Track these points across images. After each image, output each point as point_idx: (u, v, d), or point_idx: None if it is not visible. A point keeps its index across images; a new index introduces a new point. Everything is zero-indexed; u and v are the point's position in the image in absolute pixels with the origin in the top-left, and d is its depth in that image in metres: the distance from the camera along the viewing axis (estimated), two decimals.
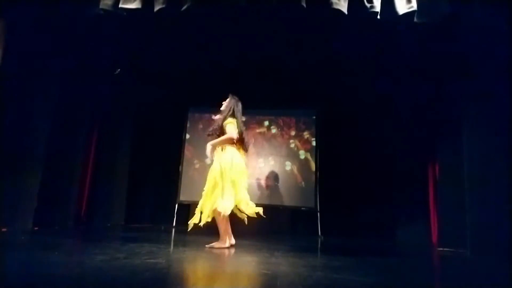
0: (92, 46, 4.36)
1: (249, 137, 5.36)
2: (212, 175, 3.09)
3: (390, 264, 2.89)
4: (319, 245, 4.04)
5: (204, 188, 3.13)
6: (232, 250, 3.01)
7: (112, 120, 5.27)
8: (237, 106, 3.29)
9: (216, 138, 3.15)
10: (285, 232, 5.20)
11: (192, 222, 3.04)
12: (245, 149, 3.30)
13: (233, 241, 3.19)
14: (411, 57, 4.26)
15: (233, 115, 3.21)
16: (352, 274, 2.16)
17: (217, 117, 3.32)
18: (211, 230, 3.37)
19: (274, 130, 5.54)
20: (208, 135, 3.26)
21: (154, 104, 5.67)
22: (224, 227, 3.09)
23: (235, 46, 4.57)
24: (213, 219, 3.07)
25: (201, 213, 3.04)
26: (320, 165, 5.27)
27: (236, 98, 3.35)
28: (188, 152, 5.59)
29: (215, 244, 3.06)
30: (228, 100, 3.33)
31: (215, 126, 3.23)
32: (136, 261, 2.15)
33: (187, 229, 3.07)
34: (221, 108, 3.32)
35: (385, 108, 5.06)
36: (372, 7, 3.15)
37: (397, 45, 4.11)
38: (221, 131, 3.17)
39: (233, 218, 3.28)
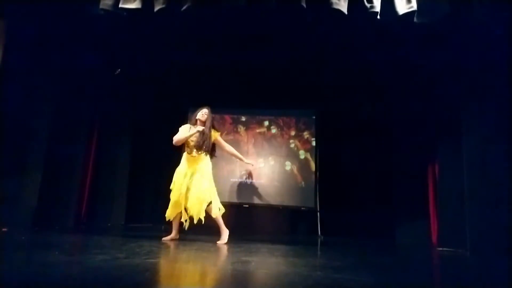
0: (92, 46, 4.36)
1: (248, 137, 5.45)
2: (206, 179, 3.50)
3: (390, 264, 2.89)
4: (319, 245, 4.04)
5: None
6: (233, 250, 3.02)
7: (112, 120, 5.27)
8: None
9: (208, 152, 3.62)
10: (285, 232, 5.20)
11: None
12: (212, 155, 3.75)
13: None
14: (411, 57, 4.26)
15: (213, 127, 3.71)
16: (352, 274, 2.17)
17: (198, 128, 3.59)
18: (210, 229, 3.38)
19: (274, 130, 5.53)
20: (204, 151, 3.58)
21: (154, 104, 5.67)
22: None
23: (235, 46, 4.57)
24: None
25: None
26: (320, 165, 5.26)
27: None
28: None
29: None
30: (208, 112, 3.68)
31: (207, 141, 3.57)
32: (136, 261, 2.15)
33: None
34: (202, 119, 3.66)
35: (385, 108, 5.06)
36: (372, 7, 3.15)
37: (397, 45, 4.11)
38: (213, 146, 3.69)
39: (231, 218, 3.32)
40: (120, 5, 3.31)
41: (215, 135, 3.70)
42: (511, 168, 3.18)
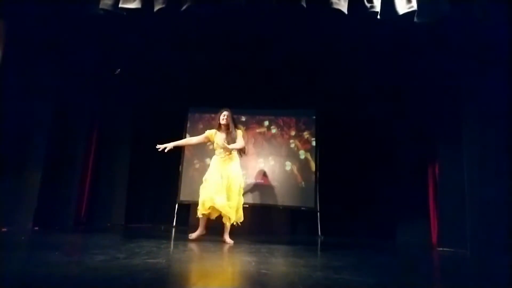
0: (92, 46, 4.36)
1: (248, 137, 5.46)
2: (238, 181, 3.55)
3: (390, 264, 2.89)
4: (319, 245, 4.04)
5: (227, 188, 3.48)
6: (233, 250, 3.02)
7: (112, 120, 5.27)
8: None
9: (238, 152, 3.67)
10: (285, 232, 5.20)
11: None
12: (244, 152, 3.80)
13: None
14: (411, 56, 4.26)
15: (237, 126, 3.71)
16: (352, 274, 2.16)
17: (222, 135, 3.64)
18: (210, 229, 3.37)
19: (274, 130, 5.53)
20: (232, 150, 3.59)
21: (154, 104, 5.67)
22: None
23: (235, 46, 4.57)
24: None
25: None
26: (320, 165, 5.26)
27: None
28: (188, 152, 5.58)
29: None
30: (228, 114, 3.64)
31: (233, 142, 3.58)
32: (136, 261, 2.15)
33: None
34: (224, 123, 3.62)
35: (385, 108, 5.06)
36: (372, 7, 3.15)
37: (397, 45, 4.11)
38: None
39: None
40: (120, 5, 3.30)
41: (239, 133, 3.67)
42: (511, 168, 3.18)
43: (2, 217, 3.55)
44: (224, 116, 3.63)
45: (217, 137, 3.64)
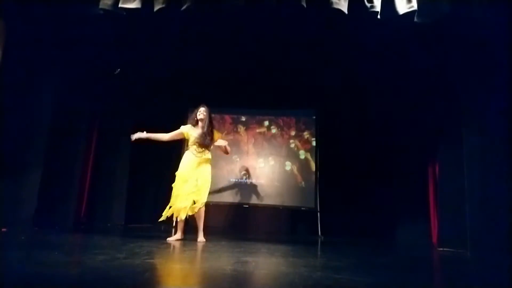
0: (91, 46, 4.36)
1: (248, 137, 5.46)
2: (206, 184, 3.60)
3: (390, 264, 2.89)
4: (319, 245, 4.04)
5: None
6: (233, 250, 3.02)
7: (112, 120, 5.27)
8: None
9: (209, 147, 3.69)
10: (285, 232, 5.20)
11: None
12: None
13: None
14: (411, 56, 4.26)
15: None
16: (352, 274, 2.16)
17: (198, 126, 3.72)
18: (210, 229, 3.38)
19: (274, 130, 5.53)
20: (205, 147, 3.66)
21: (154, 104, 5.66)
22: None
23: (235, 46, 4.57)
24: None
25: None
26: (320, 165, 5.26)
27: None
28: None
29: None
30: (205, 110, 3.73)
31: (207, 139, 3.64)
32: (136, 261, 2.15)
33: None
34: (201, 118, 3.69)
35: (385, 108, 5.06)
36: (372, 6, 3.15)
37: (397, 45, 4.11)
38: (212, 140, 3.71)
39: (231, 218, 3.31)
40: (120, 5, 3.30)
41: (218, 136, 3.78)
42: (511, 168, 3.18)
43: (2, 217, 3.55)
44: (201, 112, 3.71)
45: (193, 132, 3.70)
